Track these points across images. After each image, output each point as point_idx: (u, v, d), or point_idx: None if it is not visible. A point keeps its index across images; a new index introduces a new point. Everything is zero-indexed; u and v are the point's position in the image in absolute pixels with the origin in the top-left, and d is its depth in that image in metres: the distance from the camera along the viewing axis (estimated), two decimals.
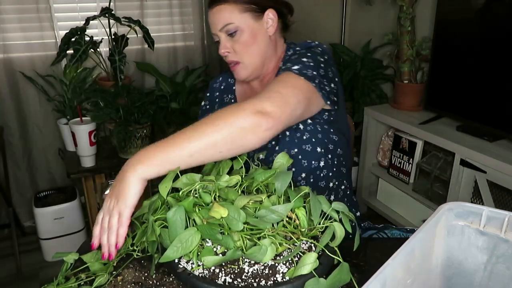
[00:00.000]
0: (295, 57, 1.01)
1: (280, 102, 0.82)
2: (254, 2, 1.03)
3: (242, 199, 0.69)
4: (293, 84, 0.89)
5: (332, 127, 1.05)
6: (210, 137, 0.75)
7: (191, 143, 0.74)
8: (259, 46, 1.06)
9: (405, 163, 2.13)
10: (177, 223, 0.67)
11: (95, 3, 2.17)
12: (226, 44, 1.05)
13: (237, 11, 1.02)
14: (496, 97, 1.74)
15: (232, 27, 1.02)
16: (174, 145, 0.74)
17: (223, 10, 1.02)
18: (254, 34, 1.04)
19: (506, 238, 0.60)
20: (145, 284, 0.76)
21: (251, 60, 1.06)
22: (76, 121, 1.86)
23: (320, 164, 1.04)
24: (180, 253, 0.65)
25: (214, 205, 0.67)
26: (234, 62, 1.07)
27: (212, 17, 1.05)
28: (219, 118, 0.77)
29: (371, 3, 2.51)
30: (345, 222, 0.71)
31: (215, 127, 0.76)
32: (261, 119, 0.77)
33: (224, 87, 1.23)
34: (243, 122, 0.77)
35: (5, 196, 2.11)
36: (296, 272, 0.64)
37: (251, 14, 1.03)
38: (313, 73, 0.93)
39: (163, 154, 0.74)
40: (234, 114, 0.77)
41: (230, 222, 0.66)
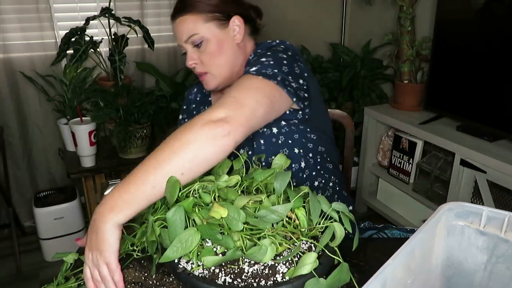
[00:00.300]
0: (255, 59, 0.98)
1: (234, 105, 0.78)
2: (218, 11, 1.00)
3: (242, 199, 0.69)
4: (249, 85, 0.86)
5: (309, 126, 1.02)
6: (166, 163, 0.71)
7: (150, 175, 0.70)
8: (226, 55, 1.03)
9: (405, 163, 2.13)
10: (176, 223, 0.67)
11: (95, 3, 2.17)
12: (193, 55, 1.02)
13: (201, 21, 0.99)
14: (496, 97, 1.74)
15: (197, 38, 1.00)
16: (135, 182, 0.70)
17: (187, 21, 0.99)
18: (221, 43, 1.01)
19: (506, 238, 0.60)
20: (145, 284, 0.76)
21: (219, 70, 1.04)
22: (76, 121, 1.86)
23: (301, 165, 1.02)
24: (180, 253, 0.65)
25: (214, 205, 0.67)
26: (202, 73, 1.04)
27: (176, 29, 1.03)
28: (171, 140, 0.73)
29: (371, 3, 2.51)
30: (345, 222, 0.71)
31: (168, 150, 0.72)
32: (214, 128, 0.73)
33: (200, 98, 1.21)
34: (195, 136, 0.72)
35: (5, 196, 2.11)
36: (296, 272, 0.64)
37: (216, 23, 1.00)
38: (273, 71, 0.90)
39: (128, 196, 0.70)
40: (184, 132, 0.74)
41: (230, 222, 0.66)
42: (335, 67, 2.53)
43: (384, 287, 0.51)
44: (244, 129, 0.78)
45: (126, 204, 0.70)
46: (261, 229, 0.68)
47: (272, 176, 0.75)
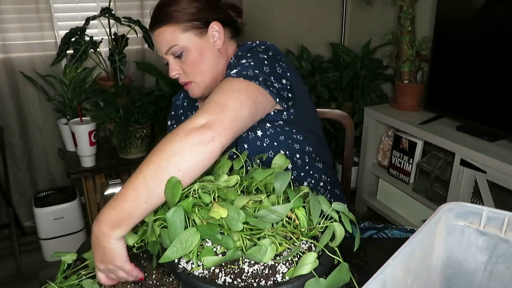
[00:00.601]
0: (235, 61, 0.97)
1: (215, 109, 0.77)
2: (195, 19, 0.98)
3: (242, 199, 0.69)
4: (230, 88, 0.84)
5: (295, 126, 1.01)
6: (154, 179, 0.70)
7: (141, 192, 0.70)
8: (207, 62, 1.02)
9: (405, 163, 2.13)
10: (176, 223, 0.67)
11: (95, 3, 2.17)
12: (174, 66, 1.02)
13: (179, 32, 0.98)
14: (496, 97, 1.74)
15: (177, 48, 0.99)
16: (127, 199, 0.70)
17: (165, 33, 0.98)
18: (201, 52, 1.00)
19: (506, 238, 0.60)
20: (145, 284, 0.76)
21: (202, 78, 1.03)
22: (76, 121, 1.86)
23: (288, 167, 1.01)
24: (180, 254, 0.65)
25: (214, 206, 0.67)
26: (186, 82, 1.04)
27: (155, 41, 1.02)
28: (156, 153, 0.72)
29: (371, 3, 2.51)
30: (345, 222, 0.71)
31: (154, 165, 0.71)
32: (196, 136, 0.72)
33: (187, 104, 1.21)
34: (179, 146, 0.71)
35: (5, 196, 2.11)
36: (296, 272, 0.64)
37: (194, 32, 0.99)
38: (254, 72, 0.88)
39: (124, 214, 0.70)
40: (168, 143, 0.72)
41: (230, 222, 0.66)
42: (335, 67, 2.53)
43: (384, 287, 0.51)
44: (229, 132, 0.76)
45: (124, 221, 0.70)
46: (261, 229, 0.68)
47: (271, 176, 0.75)
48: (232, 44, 1.07)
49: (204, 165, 0.73)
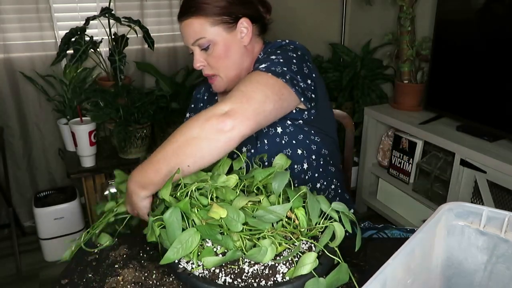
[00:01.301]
0: (264, 57, 0.97)
1: (240, 98, 0.78)
2: (225, 13, 0.97)
3: (241, 200, 0.69)
4: (257, 80, 0.85)
5: (313, 127, 1.01)
6: (173, 157, 0.76)
7: (163, 165, 0.77)
8: (233, 58, 1.01)
9: (405, 163, 2.13)
10: (173, 224, 0.67)
11: (95, 3, 2.17)
12: (199, 58, 1.01)
13: (208, 25, 0.97)
14: (496, 97, 1.74)
15: (204, 41, 0.98)
16: (152, 169, 0.79)
17: (194, 24, 0.97)
18: (228, 47, 0.99)
19: (506, 238, 0.60)
20: (145, 284, 0.76)
21: (227, 73, 1.03)
22: (76, 121, 1.86)
23: (304, 167, 1.01)
24: (181, 254, 0.66)
25: (213, 206, 0.67)
26: (210, 75, 1.04)
27: (182, 30, 1.01)
28: (177, 134, 0.77)
29: (371, 3, 2.51)
30: (345, 222, 0.71)
31: (175, 145, 0.76)
32: (217, 123, 0.74)
33: (208, 97, 1.21)
34: (199, 132, 0.74)
35: (5, 196, 2.11)
36: (296, 272, 0.64)
37: (223, 26, 0.98)
38: (282, 69, 0.89)
39: (149, 179, 0.79)
40: (189, 127, 0.76)
41: (229, 223, 0.66)
42: (335, 67, 2.53)
43: (384, 287, 0.50)
44: (250, 123, 0.77)
45: (148, 185, 0.80)
46: (261, 230, 0.68)
47: (272, 175, 0.75)
48: (258, 42, 1.07)
49: (220, 152, 0.76)
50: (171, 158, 0.76)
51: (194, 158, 0.75)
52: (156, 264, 0.81)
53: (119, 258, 0.84)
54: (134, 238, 0.91)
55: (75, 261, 0.85)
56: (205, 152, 0.75)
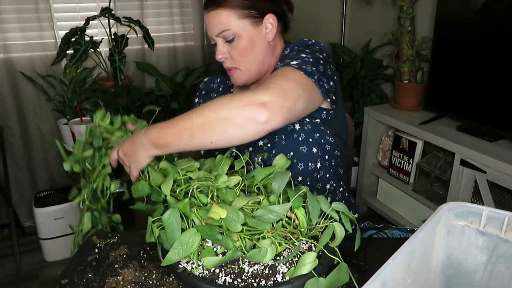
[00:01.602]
0: (293, 53, 0.97)
1: (278, 92, 0.77)
2: (253, 7, 0.97)
3: (241, 200, 0.69)
4: (293, 77, 0.85)
5: (329, 128, 1.03)
6: (199, 131, 0.76)
7: (185, 135, 0.77)
8: (256, 53, 1.01)
9: (405, 163, 2.13)
10: (172, 225, 0.67)
11: (95, 3, 2.17)
12: (222, 49, 1.01)
13: (235, 17, 0.97)
14: (496, 97, 1.74)
15: (229, 33, 0.98)
16: (173, 134, 0.79)
17: (220, 15, 0.97)
18: (252, 41, 0.99)
19: (506, 238, 0.60)
20: (145, 284, 0.76)
21: (248, 67, 1.02)
22: (76, 121, 1.87)
23: (317, 166, 1.02)
24: (182, 256, 0.65)
25: (213, 206, 0.67)
26: (231, 68, 1.04)
27: (208, 21, 1.00)
28: (209, 109, 0.77)
29: (371, 3, 2.51)
30: (345, 222, 0.71)
31: (204, 119, 0.76)
32: (254, 113, 0.74)
33: (222, 89, 1.20)
34: (233, 115, 0.74)
35: (5, 196, 2.11)
36: (296, 272, 0.64)
37: (249, 20, 0.98)
38: (312, 69, 0.90)
39: (166, 142, 0.80)
40: (224, 106, 0.76)
41: (229, 223, 0.66)
42: (335, 67, 2.53)
43: (384, 287, 0.50)
44: (282, 120, 0.77)
45: (162, 146, 0.81)
46: (261, 230, 0.68)
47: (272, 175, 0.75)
48: (280, 40, 1.08)
49: (247, 139, 0.77)
50: (196, 130, 0.76)
51: (220, 137, 0.75)
52: (156, 264, 0.81)
53: (119, 258, 0.84)
54: (134, 238, 0.91)
55: (75, 261, 0.85)
56: (233, 135, 0.75)
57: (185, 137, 0.78)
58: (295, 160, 1.00)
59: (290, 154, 1.00)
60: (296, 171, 1.01)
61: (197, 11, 2.37)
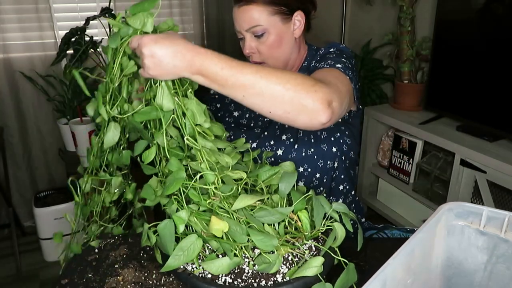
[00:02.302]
0: (333, 56, 0.98)
1: (340, 100, 0.77)
2: (283, 4, 0.99)
3: (244, 199, 0.67)
4: (345, 83, 0.87)
5: (348, 129, 1.05)
6: (270, 97, 0.69)
7: (249, 88, 0.68)
8: (284, 49, 1.03)
9: (405, 163, 2.13)
10: (166, 236, 0.66)
11: (95, 3, 2.17)
12: (251, 44, 1.01)
13: (266, 13, 0.98)
14: (496, 97, 1.74)
15: (259, 29, 0.98)
16: (237, 78, 0.68)
17: (252, 11, 0.97)
18: (281, 37, 1.01)
19: (506, 238, 0.60)
20: (145, 284, 0.76)
21: (275, 62, 1.04)
22: (76, 121, 1.87)
23: (334, 165, 1.04)
24: (183, 261, 0.65)
25: (213, 220, 0.65)
26: (258, 63, 1.04)
27: (238, 16, 1.00)
28: (291, 84, 0.69)
29: (371, 3, 2.51)
30: (346, 222, 0.71)
31: (284, 90, 0.69)
32: (323, 111, 0.70)
33: None
34: (300, 98, 0.69)
35: (5, 196, 2.11)
36: (299, 273, 0.64)
37: (279, 17, 0.99)
38: (352, 75, 0.93)
39: (214, 76, 0.68)
40: (305, 90, 0.70)
41: (234, 235, 0.65)
42: None
43: (384, 287, 0.50)
44: (332, 124, 0.75)
45: (213, 82, 0.68)
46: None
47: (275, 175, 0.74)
48: (303, 39, 1.10)
49: (299, 126, 0.73)
50: (266, 96, 0.68)
51: (284, 115, 0.70)
52: (156, 264, 0.81)
53: (119, 258, 0.84)
54: (134, 238, 0.91)
55: (75, 261, 0.85)
56: (295, 120, 0.71)
57: (249, 91, 0.68)
58: (316, 157, 1.02)
59: (311, 151, 1.01)
60: (315, 167, 1.02)
61: (197, 11, 2.37)
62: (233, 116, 1.17)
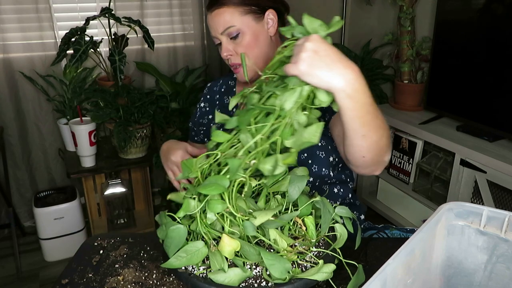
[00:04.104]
0: None
1: None
2: (254, 4, 1.02)
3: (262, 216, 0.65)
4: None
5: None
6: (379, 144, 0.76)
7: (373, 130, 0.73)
8: (261, 47, 1.04)
9: (405, 163, 2.13)
10: (173, 240, 0.66)
11: (95, 3, 2.17)
12: (228, 47, 1.04)
13: (238, 14, 1.01)
14: (496, 97, 1.74)
15: (233, 30, 1.01)
16: (374, 118, 0.73)
17: (224, 13, 1.01)
18: (256, 36, 1.03)
19: (506, 238, 0.60)
20: (145, 284, 0.76)
21: (256, 62, 1.05)
22: (76, 121, 1.87)
23: (330, 174, 1.04)
24: (184, 264, 0.65)
25: (224, 239, 0.64)
26: (237, 64, 1.06)
27: (212, 20, 1.04)
28: (386, 136, 0.77)
29: (371, 3, 2.51)
30: (348, 224, 0.71)
31: (386, 140, 0.78)
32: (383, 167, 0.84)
33: (225, 89, 1.23)
34: (386, 159, 0.82)
35: (5, 196, 2.11)
36: (305, 275, 0.64)
37: (252, 16, 1.02)
38: None
39: (367, 112, 0.73)
40: (389, 146, 0.80)
41: (247, 254, 0.65)
42: None
43: (384, 287, 0.51)
44: None
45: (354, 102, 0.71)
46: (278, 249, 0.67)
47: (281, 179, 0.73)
48: (279, 37, 1.10)
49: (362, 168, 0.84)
50: (377, 121, 0.74)
51: (369, 147, 0.75)
52: (156, 264, 0.81)
53: (119, 258, 0.84)
54: (134, 238, 0.91)
55: (75, 261, 0.85)
56: (372, 156, 0.78)
57: (370, 133, 0.74)
58: (310, 161, 1.02)
59: (304, 155, 1.01)
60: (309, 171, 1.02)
61: (197, 11, 2.37)
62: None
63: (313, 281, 0.64)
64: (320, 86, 0.68)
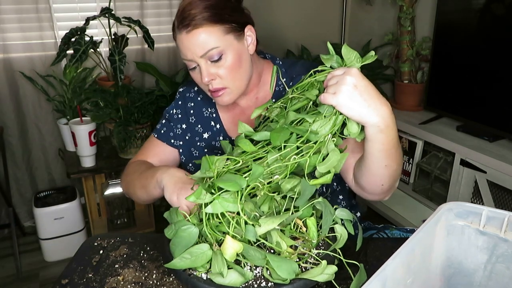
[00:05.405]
0: None
1: None
2: (233, 21, 0.90)
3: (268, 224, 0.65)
4: None
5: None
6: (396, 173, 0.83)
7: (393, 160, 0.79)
8: (245, 67, 0.94)
9: (405, 163, 2.13)
10: (183, 239, 0.65)
11: (95, 3, 2.17)
12: (209, 70, 0.90)
13: (219, 33, 0.88)
14: (496, 97, 1.74)
15: (215, 52, 0.88)
16: (397, 150, 0.79)
17: (203, 33, 0.87)
18: (239, 56, 0.91)
19: (506, 238, 0.60)
20: (145, 284, 0.76)
21: (239, 84, 0.94)
22: (76, 121, 1.87)
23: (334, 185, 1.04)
24: (188, 265, 0.64)
25: (227, 241, 0.63)
26: (219, 89, 0.93)
27: (188, 42, 0.88)
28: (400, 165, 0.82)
29: (371, 3, 2.51)
30: (348, 225, 0.71)
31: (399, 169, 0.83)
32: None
33: (202, 99, 1.09)
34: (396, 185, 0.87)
35: (5, 196, 2.11)
36: (306, 275, 0.64)
37: (233, 35, 0.90)
38: None
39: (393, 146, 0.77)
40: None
41: (251, 258, 0.64)
42: None
43: (384, 287, 0.51)
44: None
45: (384, 134, 0.74)
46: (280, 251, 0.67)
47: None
48: (254, 54, 1.00)
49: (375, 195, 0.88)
50: (398, 152, 0.79)
51: (388, 175, 0.81)
52: (156, 264, 0.81)
53: (119, 258, 0.84)
54: (134, 238, 0.91)
55: (75, 261, 0.85)
56: (389, 185, 0.84)
57: (392, 164, 0.79)
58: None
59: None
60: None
61: None
62: (204, 139, 1.07)
63: (313, 282, 0.64)
64: (354, 118, 0.70)
